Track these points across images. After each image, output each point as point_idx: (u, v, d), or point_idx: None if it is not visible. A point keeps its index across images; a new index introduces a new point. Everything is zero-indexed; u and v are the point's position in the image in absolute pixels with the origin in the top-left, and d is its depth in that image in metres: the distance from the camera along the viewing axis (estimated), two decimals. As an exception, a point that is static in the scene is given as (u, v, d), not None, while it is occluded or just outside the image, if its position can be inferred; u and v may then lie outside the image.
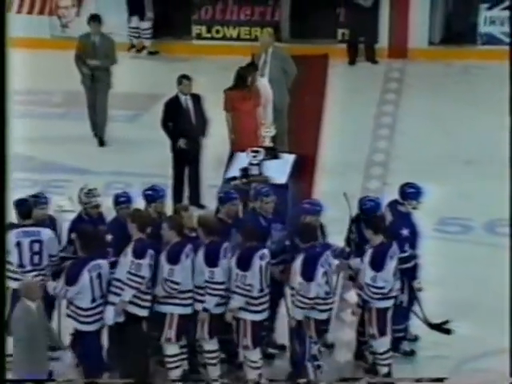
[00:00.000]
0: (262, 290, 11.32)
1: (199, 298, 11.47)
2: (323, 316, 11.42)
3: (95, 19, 16.60)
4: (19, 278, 11.49)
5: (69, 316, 11.43)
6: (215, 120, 15.06)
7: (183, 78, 14.88)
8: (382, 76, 19.12)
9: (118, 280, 11.27)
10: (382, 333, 11.52)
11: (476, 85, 18.48)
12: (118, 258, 11.44)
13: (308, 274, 11.19)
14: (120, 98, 17.43)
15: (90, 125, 16.31)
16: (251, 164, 13.77)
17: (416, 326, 12.11)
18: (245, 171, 13.27)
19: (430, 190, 12.94)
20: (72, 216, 12.22)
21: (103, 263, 11.30)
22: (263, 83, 15.58)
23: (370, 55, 19.53)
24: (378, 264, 11.32)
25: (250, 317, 11.34)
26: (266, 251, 11.43)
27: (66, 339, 11.64)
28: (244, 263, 11.28)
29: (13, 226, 11.57)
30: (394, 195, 12.21)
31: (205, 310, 11.36)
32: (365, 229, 11.62)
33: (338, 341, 12.13)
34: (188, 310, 11.50)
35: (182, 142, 14.62)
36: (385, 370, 11.67)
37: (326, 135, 16.88)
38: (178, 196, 14.59)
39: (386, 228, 11.72)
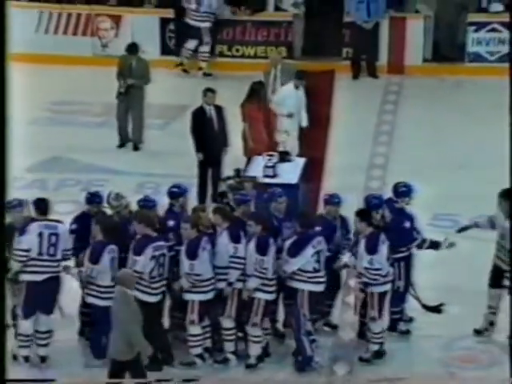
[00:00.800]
0: (274, 273, 11.41)
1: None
2: (317, 288, 11.50)
3: (135, 48, 16.64)
4: (37, 270, 11.47)
5: (89, 295, 11.53)
6: (235, 128, 15.09)
7: (208, 91, 14.94)
8: (382, 89, 19.09)
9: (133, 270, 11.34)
10: (381, 315, 11.54)
11: (465, 97, 18.44)
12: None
13: (294, 252, 11.38)
14: (152, 108, 17.41)
15: (118, 134, 16.26)
16: (267, 166, 13.80)
17: (411, 308, 12.09)
18: (237, 172, 13.24)
19: (424, 190, 13.03)
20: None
21: (116, 248, 11.46)
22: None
23: (372, 71, 19.47)
24: (372, 248, 11.42)
25: (263, 296, 11.40)
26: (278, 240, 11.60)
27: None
28: (262, 249, 11.34)
29: (33, 219, 11.64)
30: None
31: (229, 284, 11.47)
32: (358, 222, 11.65)
33: (342, 322, 12.15)
34: (208, 296, 11.51)
35: (199, 156, 14.67)
36: (376, 347, 11.70)
37: (333, 140, 16.84)
38: (202, 194, 14.60)
39: (377, 221, 11.83)
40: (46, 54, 19.04)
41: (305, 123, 15.74)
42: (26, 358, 11.60)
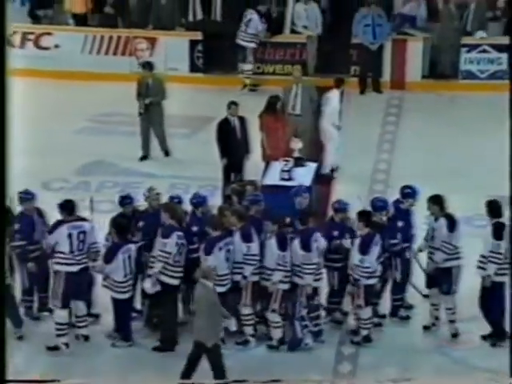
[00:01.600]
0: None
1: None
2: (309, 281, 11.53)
3: (148, 66, 16.49)
4: (72, 262, 11.52)
5: (105, 286, 11.62)
6: (255, 136, 15.08)
7: (232, 104, 14.93)
8: (385, 103, 19.04)
9: (153, 256, 11.49)
10: (367, 304, 11.57)
11: (459, 110, 18.40)
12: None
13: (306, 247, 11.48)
14: (181, 120, 17.53)
15: (141, 148, 16.17)
16: (283, 170, 13.79)
17: (411, 297, 12.14)
18: (240, 177, 13.21)
19: (422, 192, 12.96)
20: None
21: (132, 247, 11.50)
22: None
23: (376, 87, 19.44)
24: (365, 250, 11.44)
25: (282, 286, 11.46)
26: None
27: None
28: (283, 245, 11.43)
29: (62, 221, 11.66)
30: (395, 196, 12.35)
31: (244, 277, 11.53)
32: (357, 221, 11.67)
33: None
34: (222, 289, 11.45)
35: (224, 161, 14.65)
36: (365, 332, 11.71)
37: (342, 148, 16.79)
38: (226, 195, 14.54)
39: (373, 223, 11.78)
40: (90, 71, 19.06)
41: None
42: (67, 345, 11.62)
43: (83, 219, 11.85)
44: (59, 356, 11.46)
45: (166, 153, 16.24)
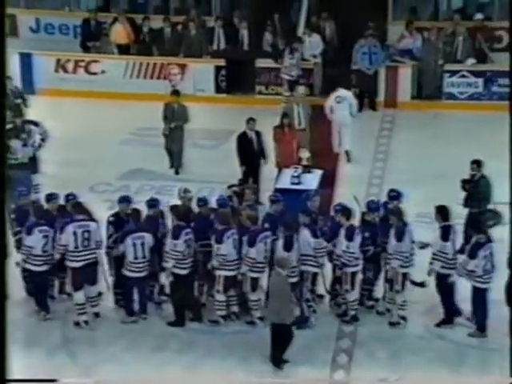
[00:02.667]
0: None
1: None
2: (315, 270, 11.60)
3: (176, 93, 16.39)
4: (76, 258, 11.51)
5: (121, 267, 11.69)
6: (269, 148, 15.13)
7: (250, 120, 14.98)
8: (380, 119, 18.99)
9: (167, 252, 11.50)
10: (353, 288, 11.56)
11: (442, 126, 18.35)
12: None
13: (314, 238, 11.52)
14: (208, 133, 17.63)
15: (169, 160, 16.13)
16: (293, 176, 13.82)
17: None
18: (240, 181, 13.15)
19: (412, 194, 13.01)
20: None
21: (147, 235, 11.57)
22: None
23: (372, 105, 19.42)
24: (350, 237, 11.44)
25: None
26: None
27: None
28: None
29: (69, 221, 11.62)
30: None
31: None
32: (340, 216, 11.69)
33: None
34: (232, 273, 11.55)
35: (243, 168, 14.68)
36: (353, 312, 11.70)
37: (342, 157, 16.81)
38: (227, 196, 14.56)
39: (367, 222, 11.89)
40: (131, 92, 19.14)
41: None
42: (86, 322, 11.73)
43: (91, 219, 11.78)
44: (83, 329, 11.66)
45: (177, 171, 16.02)
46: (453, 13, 20.19)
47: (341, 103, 16.68)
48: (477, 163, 13.28)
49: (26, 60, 19.69)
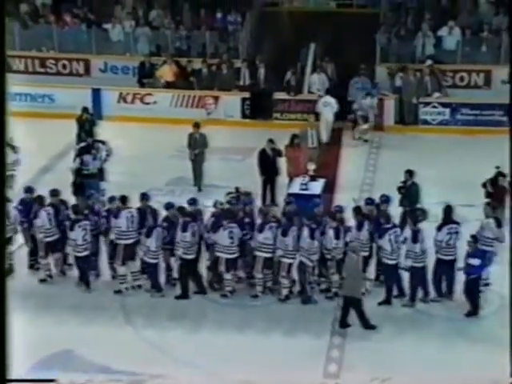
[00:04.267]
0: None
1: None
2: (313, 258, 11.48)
3: (197, 125, 15.88)
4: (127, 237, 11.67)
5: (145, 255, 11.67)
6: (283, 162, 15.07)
7: (269, 140, 14.95)
8: (370, 140, 18.76)
9: (178, 242, 11.51)
10: (338, 272, 11.42)
11: (418, 145, 18.11)
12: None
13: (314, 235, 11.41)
14: (235, 150, 17.58)
15: (193, 179, 15.84)
16: (301, 183, 13.78)
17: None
18: (236, 189, 12.94)
19: (396, 198, 12.90)
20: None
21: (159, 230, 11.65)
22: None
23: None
24: (337, 236, 11.38)
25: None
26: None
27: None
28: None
29: (122, 208, 11.77)
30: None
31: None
32: (328, 218, 11.65)
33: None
34: (234, 256, 11.59)
35: (262, 178, 14.70)
36: (334, 290, 11.52)
37: (341, 170, 16.74)
38: (264, 200, 14.56)
39: (363, 214, 11.75)
40: (177, 118, 18.98)
41: None
42: (127, 288, 11.81)
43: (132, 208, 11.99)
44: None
45: (199, 189, 15.64)
46: (426, 58, 20.03)
47: (326, 106, 18.07)
48: (409, 173, 13.23)
49: (96, 94, 19.75)
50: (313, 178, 14.14)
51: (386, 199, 12.18)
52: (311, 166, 14.51)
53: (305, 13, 21.78)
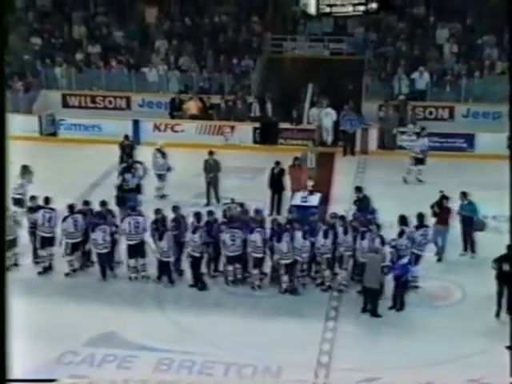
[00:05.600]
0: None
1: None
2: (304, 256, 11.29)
3: (211, 153, 15.49)
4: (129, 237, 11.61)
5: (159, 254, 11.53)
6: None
7: (276, 162, 14.85)
8: (357, 161, 18.68)
9: (186, 241, 11.40)
10: (329, 267, 11.34)
11: (394, 166, 17.70)
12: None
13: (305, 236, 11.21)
14: (248, 169, 17.43)
15: (206, 199, 15.46)
16: (302, 197, 13.71)
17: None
18: (232, 200, 12.79)
19: (382, 207, 12.69)
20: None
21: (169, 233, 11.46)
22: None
23: (352, 152, 19.17)
24: (327, 236, 11.22)
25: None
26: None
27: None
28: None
29: (126, 215, 11.76)
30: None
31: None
32: (332, 219, 11.54)
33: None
34: (237, 253, 11.39)
35: (270, 191, 14.48)
36: (328, 283, 11.36)
37: (334, 186, 16.60)
38: (272, 210, 14.48)
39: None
40: (201, 143, 18.74)
41: None
42: (136, 278, 11.69)
43: (140, 214, 11.86)
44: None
45: (218, 200, 15.27)
46: (402, 95, 19.97)
47: (327, 116, 18.52)
48: (358, 189, 13.18)
49: (136, 124, 19.76)
50: (311, 193, 14.08)
51: (373, 210, 12.12)
52: (310, 183, 14.47)
53: (304, 59, 21.78)
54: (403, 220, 11.49)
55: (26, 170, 13.92)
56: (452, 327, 10.35)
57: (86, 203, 12.40)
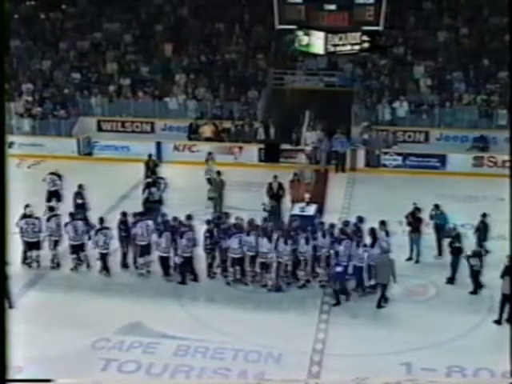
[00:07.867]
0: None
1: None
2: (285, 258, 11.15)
3: (219, 173, 15.16)
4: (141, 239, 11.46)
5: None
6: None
7: (275, 176, 14.84)
8: (347, 177, 18.57)
9: (179, 244, 11.17)
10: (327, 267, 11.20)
11: (376, 181, 17.61)
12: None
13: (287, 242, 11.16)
14: (252, 183, 17.23)
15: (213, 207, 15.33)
16: (300, 207, 13.64)
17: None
18: (226, 214, 12.63)
19: (369, 219, 12.41)
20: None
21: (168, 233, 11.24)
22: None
23: (343, 170, 19.09)
24: (307, 242, 11.18)
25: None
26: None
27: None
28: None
29: (138, 221, 11.48)
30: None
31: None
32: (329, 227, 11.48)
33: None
34: (238, 255, 11.20)
35: (271, 201, 14.33)
36: (319, 283, 11.28)
37: (328, 198, 16.47)
38: (269, 217, 14.17)
39: (346, 232, 11.44)
40: (214, 161, 18.39)
41: None
42: (143, 274, 11.54)
43: (149, 218, 11.70)
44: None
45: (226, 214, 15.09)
46: (385, 121, 20.02)
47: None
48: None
49: (158, 145, 19.79)
50: (308, 204, 14.06)
51: (361, 219, 12.09)
52: (307, 195, 14.46)
53: (302, 90, 21.83)
54: (373, 231, 11.47)
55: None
56: (429, 318, 10.34)
57: (124, 214, 12.10)
